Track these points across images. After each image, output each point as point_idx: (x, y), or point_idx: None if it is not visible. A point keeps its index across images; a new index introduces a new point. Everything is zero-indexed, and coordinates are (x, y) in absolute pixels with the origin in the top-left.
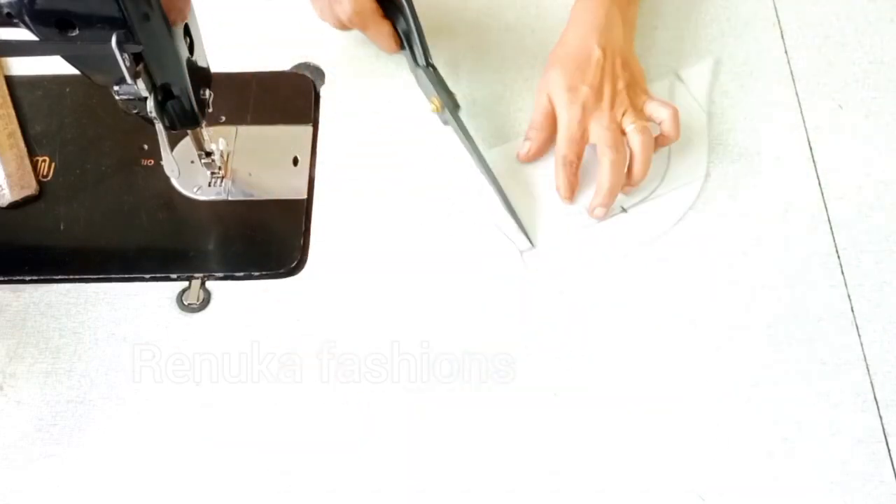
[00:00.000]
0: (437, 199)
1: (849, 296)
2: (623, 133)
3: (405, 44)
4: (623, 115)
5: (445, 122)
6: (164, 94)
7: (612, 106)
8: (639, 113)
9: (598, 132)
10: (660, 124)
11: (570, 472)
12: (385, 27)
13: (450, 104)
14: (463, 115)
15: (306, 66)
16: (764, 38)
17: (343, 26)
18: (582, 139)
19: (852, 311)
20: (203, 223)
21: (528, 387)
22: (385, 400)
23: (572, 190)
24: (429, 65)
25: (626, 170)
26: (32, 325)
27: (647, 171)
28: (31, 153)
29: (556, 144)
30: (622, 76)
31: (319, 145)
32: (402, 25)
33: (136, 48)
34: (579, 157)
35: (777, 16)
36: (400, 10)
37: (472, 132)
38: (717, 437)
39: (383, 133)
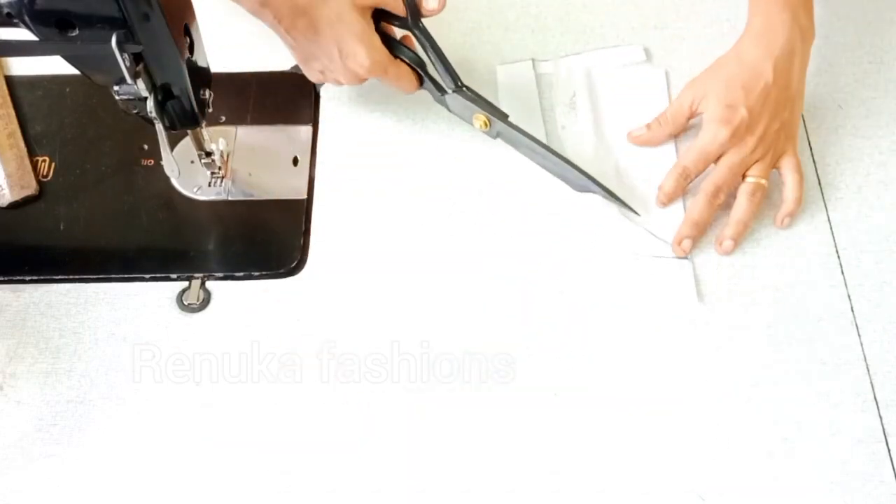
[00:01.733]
0: (437, 199)
1: (849, 296)
2: (742, 178)
3: (424, 77)
4: (756, 161)
5: (496, 136)
6: (164, 94)
7: (755, 148)
8: (771, 163)
9: (722, 166)
10: (782, 185)
11: (570, 472)
12: (403, 67)
13: (498, 115)
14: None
15: None
16: None
17: (358, 80)
18: (713, 160)
19: (852, 311)
20: (203, 223)
21: (528, 387)
22: (385, 400)
23: (672, 199)
24: (461, 86)
25: (715, 211)
26: (32, 325)
27: (741, 234)
28: (31, 153)
29: (688, 150)
30: (780, 116)
31: (319, 145)
32: (412, 59)
33: (136, 48)
34: (699, 174)
35: None
36: (404, 42)
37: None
38: (717, 437)
39: (383, 133)
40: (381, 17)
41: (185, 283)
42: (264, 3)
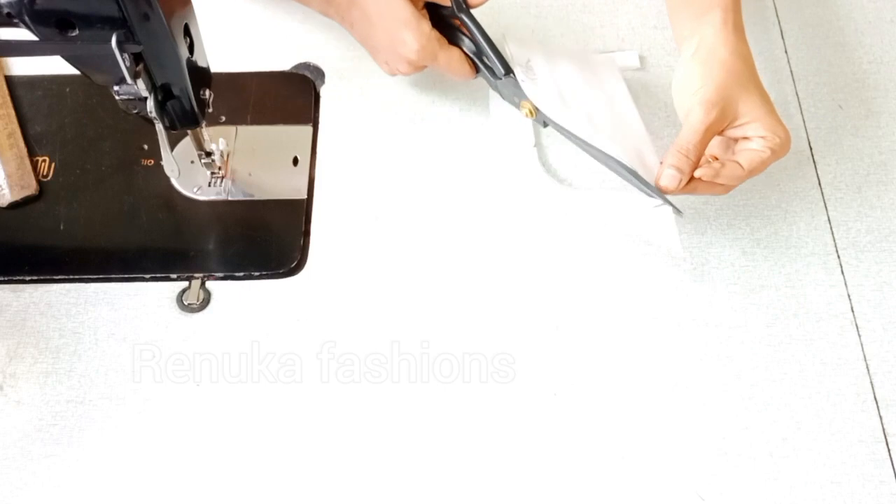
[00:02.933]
0: (438, 199)
1: (849, 296)
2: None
3: (478, 65)
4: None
5: (545, 124)
6: (164, 94)
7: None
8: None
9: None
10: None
11: (570, 472)
12: (455, 52)
13: None
14: None
15: (306, 66)
16: (764, 38)
17: (415, 67)
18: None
19: (852, 311)
20: (203, 223)
21: (528, 387)
22: (385, 400)
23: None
24: (510, 72)
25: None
26: (32, 325)
27: (705, 179)
28: (31, 153)
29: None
30: None
31: (319, 145)
32: (469, 47)
33: (136, 48)
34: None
35: (777, 16)
36: (462, 30)
37: None
38: (717, 437)
39: (383, 133)
40: (431, 9)
41: (185, 283)
42: (329, 2)
